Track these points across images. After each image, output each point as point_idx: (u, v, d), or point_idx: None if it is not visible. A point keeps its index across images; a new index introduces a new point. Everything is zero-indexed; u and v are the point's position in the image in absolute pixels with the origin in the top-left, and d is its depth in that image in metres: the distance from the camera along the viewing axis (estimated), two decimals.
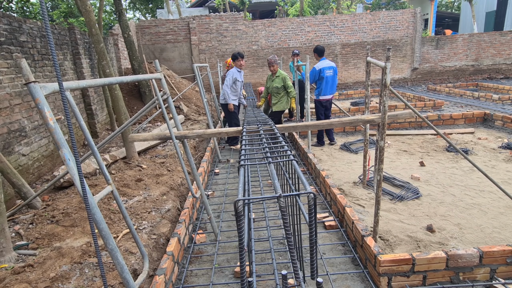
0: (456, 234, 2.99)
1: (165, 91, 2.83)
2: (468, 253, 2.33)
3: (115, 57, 9.87)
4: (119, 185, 3.90)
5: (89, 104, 6.71)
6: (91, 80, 1.84)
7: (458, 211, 3.42)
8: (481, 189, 3.91)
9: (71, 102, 1.72)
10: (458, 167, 4.66)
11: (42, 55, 5.12)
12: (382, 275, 2.32)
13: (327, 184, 3.80)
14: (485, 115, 7.02)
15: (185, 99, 10.05)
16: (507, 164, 4.69)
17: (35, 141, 4.64)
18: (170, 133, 2.80)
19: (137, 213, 3.23)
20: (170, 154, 5.40)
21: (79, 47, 6.42)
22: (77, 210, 3.29)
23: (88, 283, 2.22)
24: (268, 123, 2.76)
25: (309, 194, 1.08)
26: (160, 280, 2.22)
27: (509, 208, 3.40)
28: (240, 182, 1.28)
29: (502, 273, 2.38)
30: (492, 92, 10.94)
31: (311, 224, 1.09)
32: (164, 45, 13.57)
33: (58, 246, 2.67)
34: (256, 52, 14.01)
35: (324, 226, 3.32)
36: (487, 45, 14.50)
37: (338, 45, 14.21)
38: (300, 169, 1.30)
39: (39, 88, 1.44)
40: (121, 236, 2.80)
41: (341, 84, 14.67)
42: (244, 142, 1.97)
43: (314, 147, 6.06)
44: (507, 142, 5.54)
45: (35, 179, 4.50)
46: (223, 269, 2.77)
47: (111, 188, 1.82)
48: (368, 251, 2.51)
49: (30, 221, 3.17)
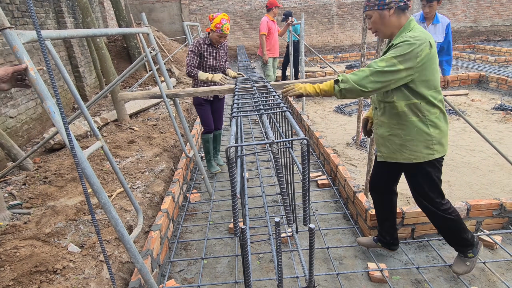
0: (445, 191, 3.04)
1: (153, 47, 2.71)
2: (456, 206, 2.39)
3: (101, 17, 9.40)
4: (111, 146, 3.86)
5: (76, 66, 6.47)
6: (73, 30, 1.73)
7: (449, 169, 3.48)
8: (472, 149, 3.96)
9: (52, 53, 1.63)
10: (450, 128, 4.69)
11: (22, 11, 4.83)
12: (372, 228, 2.40)
13: (320, 145, 3.81)
14: (480, 77, 6.97)
15: (177, 61, 9.76)
16: (499, 125, 4.73)
17: (22, 103, 4.51)
18: (160, 91, 2.72)
19: (130, 173, 3.23)
20: (162, 117, 5.32)
21: (61, 4, 6.07)
22: (70, 171, 3.27)
23: (84, 238, 2.25)
24: (261, 80, 2.69)
25: (303, 140, 1.05)
26: (156, 235, 2.26)
27: (498, 166, 3.47)
28: (232, 132, 1.25)
29: (487, 225, 2.47)
30: (489, 54, 10.80)
31: (304, 170, 1.08)
32: (153, 5, 12.92)
33: (52, 205, 2.67)
34: (249, 12, 13.45)
35: (317, 185, 3.37)
36: (487, 5, 14.09)
37: (334, 5, 13.69)
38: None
39: (15, 34, 1.34)
40: (116, 195, 2.81)
41: (337, 47, 14.33)
42: (237, 97, 1.91)
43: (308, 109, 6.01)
44: (500, 103, 5.55)
45: (25, 142, 4.43)
46: (218, 225, 2.83)
47: (100, 143, 1.78)
48: (360, 206, 2.57)
49: (22, 182, 3.15)
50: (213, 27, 3.16)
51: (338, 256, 2.36)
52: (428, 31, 3.14)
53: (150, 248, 2.12)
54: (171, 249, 2.52)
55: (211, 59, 3.35)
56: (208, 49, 3.32)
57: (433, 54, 1.69)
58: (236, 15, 13.54)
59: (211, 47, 3.33)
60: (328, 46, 14.36)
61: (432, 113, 1.77)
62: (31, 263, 1.94)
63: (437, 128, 1.80)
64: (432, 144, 1.81)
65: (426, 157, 1.83)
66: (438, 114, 1.79)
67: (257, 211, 3.00)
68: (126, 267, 2.15)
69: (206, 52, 3.31)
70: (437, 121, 1.79)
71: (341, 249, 2.42)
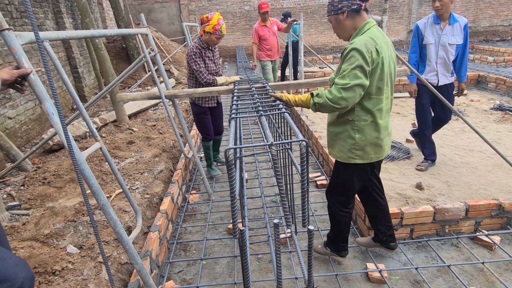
0: (444, 191, 3.07)
1: (152, 47, 2.71)
2: (455, 207, 2.39)
3: (99, 17, 9.39)
4: (110, 147, 3.85)
5: (75, 66, 6.47)
6: (71, 32, 1.74)
7: (447, 169, 3.48)
8: (471, 149, 3.97)
9: (50, 54, 1.63)
10: (449, 128, 4.69)
11: (20, 12, 4.82)
12: (371, 228, 2.39)
13: (319, 145, 3.81)
14: (479, 77, 6.98)
15: (176, 62, 9.76)
16: (497, 125, 4.74)
17: (20, 104, 4.50)
18: (159, 92, 2.72)
19: (129, 174, 3.23)
20: (161, 118, 5.32)
21: (60, 4, 6.06)
22: (69, 171, 3.27)
23: (83, 239, 2.25)
24: (260, 81, 2.69)
25: (302, 141, 1.05)
26: (155, 236, 2.26)
27: (496, 166, 3.48)
28: (231, 133, 1.25)
29: (486, 225, 2.47)
30: (488, 54, 10.82)
31: (303, 172, 1.08)
32: (152, 5, 12.92)
33: (51, 206, 2.67)
34: (248, 13, 13.46)
35: (316, 185, 3.37)
36: (486, 6, 14.12)
37: None
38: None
39: (14, 36, 1.34)
40: (114, 196, 2.81)
41: (336, 47, 14.35)
42: (236, 98, 1.91)
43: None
44: (499, 103, 5.56)
45: (24, 143, 4.42)
46: (217, 226, 2.83)
47: (99, 144, 1.77)
48: (358, 207, 2.57)
49: (21, 183, 3.15)
50: (211, 29, 2.98)
51: None
52: (445, 33, 3.11)
53: (149, 249, 2.12)
54: (170, 250, 2.52)
55: (210, 64, 3.19)
56: (206, 53, 3.16)
57: (381, 60, 1.70)
58: (235, 16, 13.55)
59: (208, 51, 3.17)
60: (327, 46, 14.38)
61: (362, 120, 1.80)
62: (30, 264, 1.94)
63: (363, 135, 1.83)
64: (354, 149, 1.86)
65: (347, 159, 1.90)
66: (369, 122, 1.81)
67: (256, 211, 3.00)
68: (125, 268, 2.15)
69: (205, 57, 3.14)
70: (365, 128, 1.82)
71: None
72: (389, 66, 1.76)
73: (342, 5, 1.75)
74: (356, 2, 1.73)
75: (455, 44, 3.17)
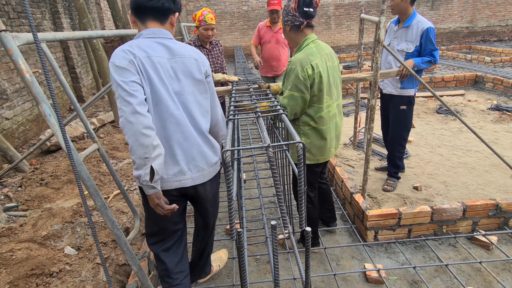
0: (441, 191, 3.08)
1: None
2: (452, 207, 2.40)
3: (97, 17, 9.37)
4: (108, 148, 3.85)
5: (73, 67, 6.45)
6: (69, 33, 1.73)
7: (445, 169, 3.49)
8: (468, 149, 3.98)
9: (48, 55, 1.63)
10: (447, 128, 4.71)
11: (18, 12, 4.81)
12: (369, 229, 2.40)
13: None
14: (477, 77, 7.01)
15: None
16: (495, 125, 4.76)
17: (18, 104, 4.48)
18: None
19: (127, 175, 3.22)
20: None
21: (58, 5, 6.04)
22: (66, 172, 3.26)
23: (81, 241, 2.24)
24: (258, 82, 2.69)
25: (298, 143, 1.06)
26: None
27: (494, 166, 3.49)
28: (229, 135, 1.25)
29: (483, 225, 2.48)
30: (485, 54, 10.85)
31: (300, 173, 1.08)
32: None
33: (48, 207, 2.66)
34: (246, 13, 13.45)
35: None
36: (483, 6, 14.17)
37: (331, 6, 13.72)
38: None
39: (11, 37, 1.34)
40: (112, 197, 2.80)
41: (334, 47, 14.35)
42: (234, 99, 1.91)
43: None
44: (496, 103, 5.58)
45: (21, 144, 4.41)
46: (215, 227, 2.82)
47: (97, 146, 1.77)
48: (357, 207, 2.58)
49: (18, 184, 3.14)
50: (197, 23, 3.00)
51: (335, 256, 2.36)
52: (396, 36, 2.87)
53: (147, 250, 2.11)
54: None
55: None
56: (201, 51, 3.15)
57: (319, 74, 1.85)
58: (233, 16, 13.54)
59: (203, 49, 3.17)
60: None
61: (305, 124, 1.99)
62: (28, 266, 1.93)
63: (308, 138, 2.01)
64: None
65: (295, 158, 2.01)
66: (309, 128, 1.99)
67: (254, 212, 3.00)
68: (123, 269, 2.15)
69: None
70: (309, 132, 2.00)
71: (338, 249, 2.43)
72: (328, 77, 1.93)
73: (288, 18, 1.91)
74: (298, 19, 1.87)
75: (404, 51, 2.74)
